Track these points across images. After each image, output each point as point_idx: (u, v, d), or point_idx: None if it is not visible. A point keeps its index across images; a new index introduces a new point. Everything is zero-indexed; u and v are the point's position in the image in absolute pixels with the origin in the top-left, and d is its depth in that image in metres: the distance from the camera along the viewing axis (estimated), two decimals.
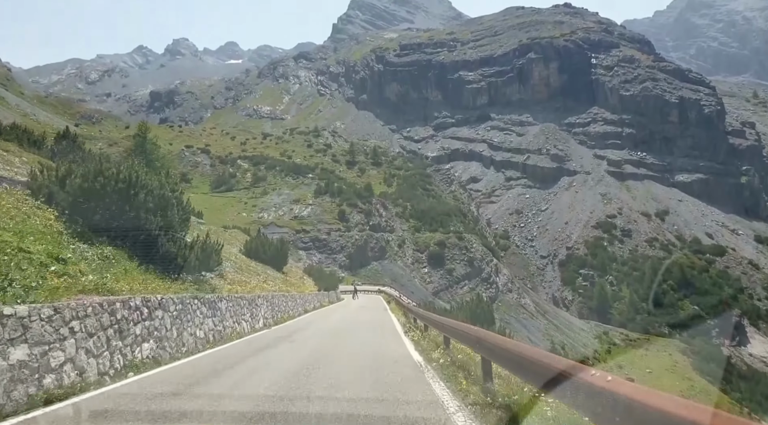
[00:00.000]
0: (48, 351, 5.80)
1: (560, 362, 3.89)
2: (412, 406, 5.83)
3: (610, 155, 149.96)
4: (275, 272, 31.35)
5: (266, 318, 17.85)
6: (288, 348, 11.77)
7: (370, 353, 10.98)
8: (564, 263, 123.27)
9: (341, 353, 10.92)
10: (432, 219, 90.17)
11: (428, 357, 10.25)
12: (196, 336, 10.69)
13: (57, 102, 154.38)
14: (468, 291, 79.90)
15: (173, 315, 9.60)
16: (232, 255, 26.14)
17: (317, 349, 11.52)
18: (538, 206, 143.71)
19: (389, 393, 6.63)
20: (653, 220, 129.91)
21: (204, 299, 11.75)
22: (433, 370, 8.71)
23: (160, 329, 9.01)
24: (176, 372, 7.98)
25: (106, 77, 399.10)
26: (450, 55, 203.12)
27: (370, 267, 75.87)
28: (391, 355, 10.64)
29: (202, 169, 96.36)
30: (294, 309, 23.42)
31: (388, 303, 38.12)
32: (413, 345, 12.74)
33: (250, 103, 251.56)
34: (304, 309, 25.81)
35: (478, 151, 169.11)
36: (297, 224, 74.66)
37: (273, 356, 10.27)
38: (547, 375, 3.90)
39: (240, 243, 34.59)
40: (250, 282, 21.14)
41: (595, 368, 3.47)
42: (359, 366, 9.05)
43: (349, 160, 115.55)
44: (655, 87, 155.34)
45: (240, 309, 14.92)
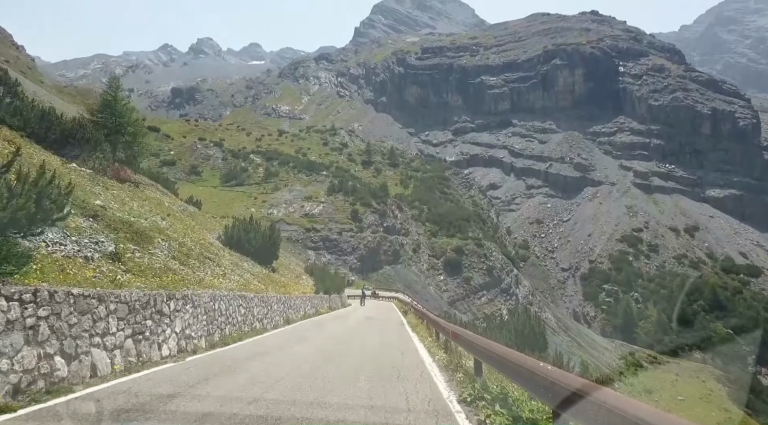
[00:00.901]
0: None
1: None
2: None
3: (637, 166, 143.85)
4: (258, 267, 24.76)
5: (189, 336, 9.84)
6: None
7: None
8: (586, 277, 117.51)
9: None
10: (449, 224, 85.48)
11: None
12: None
13: (75, 91, 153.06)
14: (486, 302, 75.02)
15: None
16: (198, 243, 18.99)
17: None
18: (559, 216, 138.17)
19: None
20: (682, 236, 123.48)
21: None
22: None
23: None
24: None
25: (131, 73, 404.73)
26: (472, 60, 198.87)
27: (382, 271, 71.46)
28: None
29: (214, 162, 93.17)
30: (265, 319, 15.77)
31: (404, 314, 30.40)
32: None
33: (269, 102, 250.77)
34: (285, 319, 18.61)
35: (498, 157, 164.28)
36: (307, 222, 70.66)
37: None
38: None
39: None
40: (182, 274, 12.90)
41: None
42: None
43: (365, 160, 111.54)
44: (686, 97, 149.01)
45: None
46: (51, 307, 5.75)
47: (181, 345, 9.32)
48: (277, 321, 17.22)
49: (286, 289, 23.80)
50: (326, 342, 13.30)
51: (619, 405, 3.27)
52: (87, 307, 6.43)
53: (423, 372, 9.10)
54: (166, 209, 21.87)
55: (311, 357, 10.31)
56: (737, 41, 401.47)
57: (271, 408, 5.71)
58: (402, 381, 7.86)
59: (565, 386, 4.06)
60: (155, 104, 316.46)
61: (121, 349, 7.25)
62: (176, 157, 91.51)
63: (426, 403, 6.45)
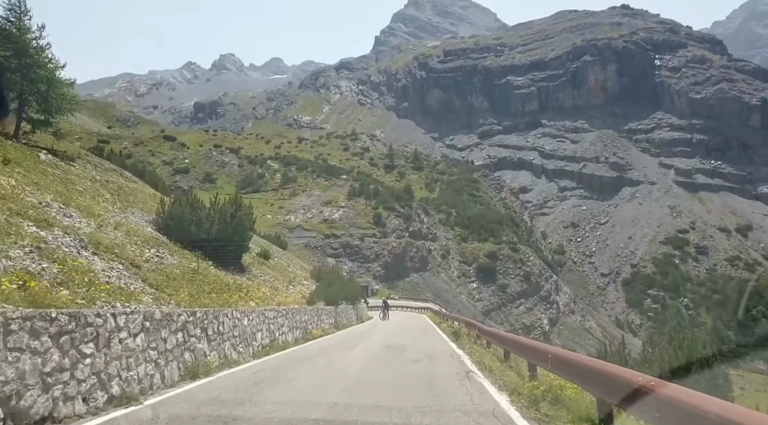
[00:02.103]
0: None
1: None
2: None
3: (679, 164, 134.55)
4: (214, 270, 15.34)
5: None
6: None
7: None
8: (628, 282, 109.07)
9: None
10: (481, 228, 79.23)
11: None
12: None
13: (94, 105, 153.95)
14: (525, 312, 68.36)
15: None
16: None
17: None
18: (596, 219, 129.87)
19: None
20: (734, 236, 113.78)
21: None
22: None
23: None
24: None
25: (155, 90, 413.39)
26: (497, 60, 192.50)
27: (409, 279, 65.70)
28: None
29: (230, 169, 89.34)
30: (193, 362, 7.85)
31: (455, 337, 18.20)
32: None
33: (290, 113, 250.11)
34: (236, 355, 10.10)
35: (528, 159, 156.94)
36: (326, 228, 65.58)
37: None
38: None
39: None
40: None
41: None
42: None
43: (388, 164, 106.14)
44: (731, 88, 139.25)
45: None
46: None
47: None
48: (206, 367, 8.25)
49: (250, 296, 14.45)
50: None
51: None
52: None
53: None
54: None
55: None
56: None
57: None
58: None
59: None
60: (178, 120, 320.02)
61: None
62: (191, 164, 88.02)
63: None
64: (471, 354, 12.72)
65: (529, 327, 65.56)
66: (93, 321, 5.43)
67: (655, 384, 3.94)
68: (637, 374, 4.53)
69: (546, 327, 68.16)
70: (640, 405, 4.01)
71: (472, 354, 12.51)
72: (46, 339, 4.68)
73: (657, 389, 3.87)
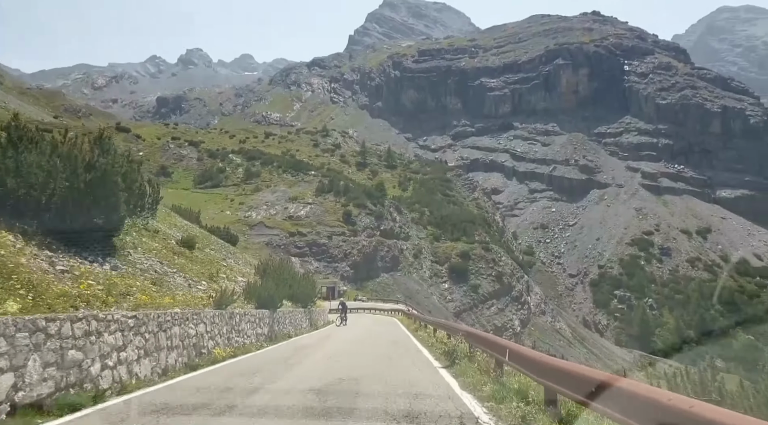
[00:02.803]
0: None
1: None
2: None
3: (645, 167, 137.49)
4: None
5: None
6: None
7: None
8: (596, 283, 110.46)
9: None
10: (453, 227, 78.35)
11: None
12: None
13: (40, 94, 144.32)
14: (497, 312, 67.68)
15: None
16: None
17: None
18: (565, 220, 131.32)
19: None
20: (694, 238, 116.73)
21: None
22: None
23: None
24: None
25: (114, 83, 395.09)
26: (471, 62, 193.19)
27: (379, 280, 64.10)
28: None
29: (188, 163, 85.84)
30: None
31: (449, 360, 11.16)
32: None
33: (259, 110, 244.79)
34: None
35: (500, 161, 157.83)
36: (291, 225, 63.37)
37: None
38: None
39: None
40: None
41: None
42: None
43: (360, 162, 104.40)
44: (695, 95, 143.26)
45: None
46: None
47: None
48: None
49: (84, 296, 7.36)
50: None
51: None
52: None
53: None
54: None
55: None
56: (728, 50, 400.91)
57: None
58: None
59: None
60: (140, 115, 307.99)
61: None
62: (144, 157, 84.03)
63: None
64: (478, 389, 7.40)
65: (500, 328, 64.83)
66: None
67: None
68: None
69: (517, 328, 67.64)
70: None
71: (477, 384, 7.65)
72: None
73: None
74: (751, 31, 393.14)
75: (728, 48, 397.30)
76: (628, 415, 3.78)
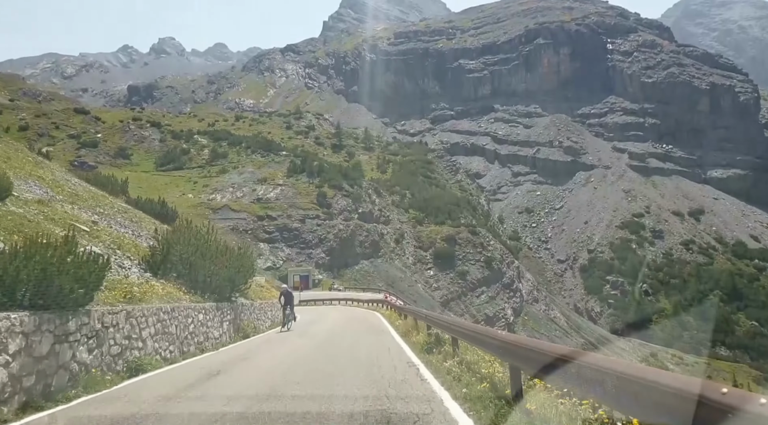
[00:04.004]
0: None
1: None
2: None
3: (632, 148, 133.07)
4: None
5: None
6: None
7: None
8: (586, 268, 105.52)
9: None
10: (437, 210, 71.68)
11: None
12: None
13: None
14: (487, 301, 61.31)
15: None
16: None
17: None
18: (551, 204, 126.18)
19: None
20: (687, 220, 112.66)
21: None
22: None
23: None
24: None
25: (84, 72, 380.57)
26: (449, 43, 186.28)
27: (358, 267, 57.04)
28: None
29: (149, 145, 77.25)
30: None
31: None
32: None
33: (232, 97, 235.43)
34: None
35: (481, 144, 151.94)
36: (260, 209, 55.79)
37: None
38: None
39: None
40: None
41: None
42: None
43: (336, 144, 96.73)
44: (681, 73, 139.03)
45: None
46: None
47: None
48: None
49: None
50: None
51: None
52: None
53: None
54: None
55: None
56: (704, 34, 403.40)
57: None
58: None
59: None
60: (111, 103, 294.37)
61: None
62: (102, 139, 75.21)
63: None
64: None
65: (492, 318, 58.59)
66: None
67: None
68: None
69: (510, 317, 61.49)
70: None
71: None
72: None
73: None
74: (726, 14, 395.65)
75: (704, 32, 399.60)
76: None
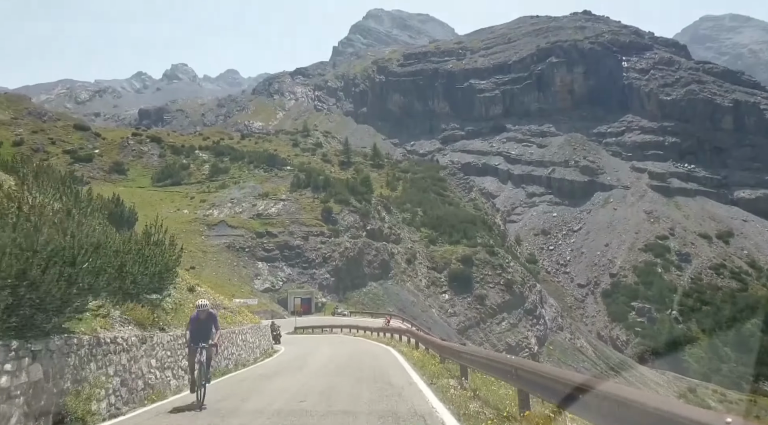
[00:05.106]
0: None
1: None
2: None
3: (652, 167, 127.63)
4: None
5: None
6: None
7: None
8: (609, 293, 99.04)
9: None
10: (452, 229, 66.51)
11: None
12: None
13: (3, 97, 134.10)
14: (509, 328, 55.46)
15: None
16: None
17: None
18: (568, 225, 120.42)
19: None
20: (715, 243, 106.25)
21: None
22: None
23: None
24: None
25: (97, 98, 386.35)
26: (459, 64, 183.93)
27: (366, 289, 51.73)
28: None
29: (148, 160, 73.52)
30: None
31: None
32: None
33: (241, 119, 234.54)
34: None
35: (493, 164, 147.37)
36: (259, 225, 51.03)
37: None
38: None
39: None
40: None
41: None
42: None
43: (344, 161, 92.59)
44: (702, 90, 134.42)
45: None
46: None
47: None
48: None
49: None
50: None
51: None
52: None
53: None
54: None
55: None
56: (715, 58, 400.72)
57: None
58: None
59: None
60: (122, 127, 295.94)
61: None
62: (99, 154, 71.50)
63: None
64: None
65: (515, 347, 52.68)
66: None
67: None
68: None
69: (534, 347, 55.48)
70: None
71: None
72: None
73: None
74: (736, 39, 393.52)
75: (715, 56, 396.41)
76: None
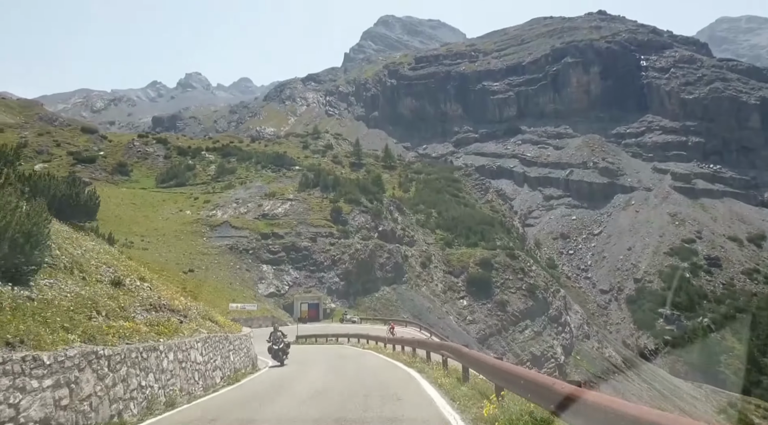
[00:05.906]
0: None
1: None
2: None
3: (675, 168, 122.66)
4: None
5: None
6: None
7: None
8: (633, 300, 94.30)
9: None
10: (469, 230, 62.81)
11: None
12: None
13: (15, 104, 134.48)
14: (532, 336, 51.44)
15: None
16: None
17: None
18: (588, 229, 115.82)
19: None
20: (747, 246, 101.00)
21: None
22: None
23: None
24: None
25: (113, 106, 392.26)
26: (471, 66, 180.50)
27: (378, 294, 48.19)
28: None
29: (153, 161, 71.15)
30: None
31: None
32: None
33: (253, 125, 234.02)
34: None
35: (509, 167, 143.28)
36: (264, 226, 47.85)
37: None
38: None
39: None
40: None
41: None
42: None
43: (354, 162, 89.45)
44: (726, 88, 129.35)
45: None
46: None
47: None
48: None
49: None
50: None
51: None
52: None
53: None
54: None
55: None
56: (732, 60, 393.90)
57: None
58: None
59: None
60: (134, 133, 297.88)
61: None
62: (104, 155, 69.25)
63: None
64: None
65: (539, 357, 48.69)
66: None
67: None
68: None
69: (560, 357, 51.36)
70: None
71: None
72: None
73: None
74: (754, 40, 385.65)
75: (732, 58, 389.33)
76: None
